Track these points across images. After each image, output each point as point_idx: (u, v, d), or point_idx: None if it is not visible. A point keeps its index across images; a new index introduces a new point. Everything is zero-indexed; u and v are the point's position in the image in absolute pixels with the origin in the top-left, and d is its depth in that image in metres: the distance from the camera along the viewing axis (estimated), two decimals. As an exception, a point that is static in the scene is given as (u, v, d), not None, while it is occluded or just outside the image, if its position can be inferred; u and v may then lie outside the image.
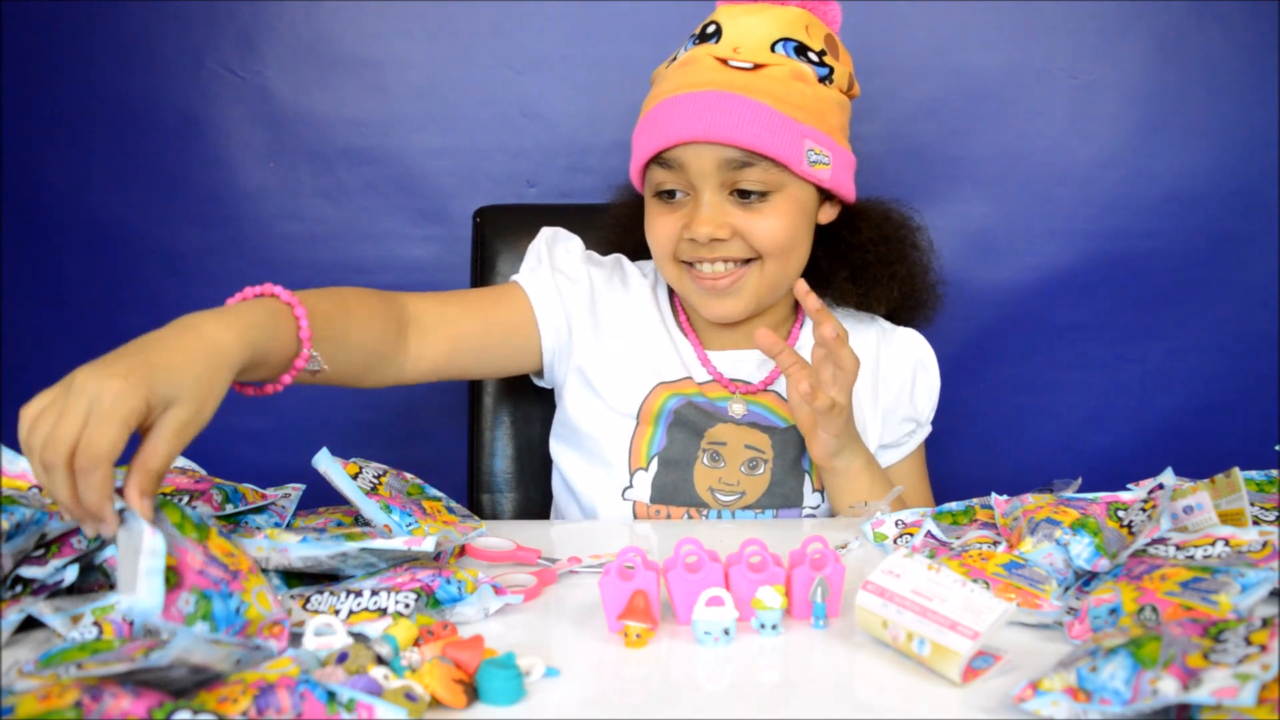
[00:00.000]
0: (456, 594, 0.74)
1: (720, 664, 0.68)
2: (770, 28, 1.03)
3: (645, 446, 1.09)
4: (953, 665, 0.64)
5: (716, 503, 1.08)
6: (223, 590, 0.68)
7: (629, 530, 1.05)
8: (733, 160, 1.00)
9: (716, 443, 1.08)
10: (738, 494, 1.08)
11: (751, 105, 0.99)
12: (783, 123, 1.00)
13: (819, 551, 0.74)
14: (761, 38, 1.02)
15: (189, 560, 0.67)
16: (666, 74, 1.06)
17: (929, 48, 1.46)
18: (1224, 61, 1.45)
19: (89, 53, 1.45)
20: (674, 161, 1.02)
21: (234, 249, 1.48)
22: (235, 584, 0.68)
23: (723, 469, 1.08)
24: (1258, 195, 1.48)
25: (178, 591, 0.66)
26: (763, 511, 1.09)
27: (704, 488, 1.08)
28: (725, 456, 1.08)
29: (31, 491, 0.77)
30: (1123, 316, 1.51)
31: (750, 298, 1.06)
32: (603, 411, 1.11)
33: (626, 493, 1.09)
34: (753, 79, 1.00)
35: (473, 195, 1.44)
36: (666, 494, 1.08)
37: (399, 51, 1.46)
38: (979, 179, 1.49)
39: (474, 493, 1.30)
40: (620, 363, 1.11)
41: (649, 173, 1.06)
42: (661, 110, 1.02)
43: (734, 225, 1.02)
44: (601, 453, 1.10)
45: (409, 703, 0.58)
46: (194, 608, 0.66)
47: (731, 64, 1.01)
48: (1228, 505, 0.82)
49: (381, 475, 0.88)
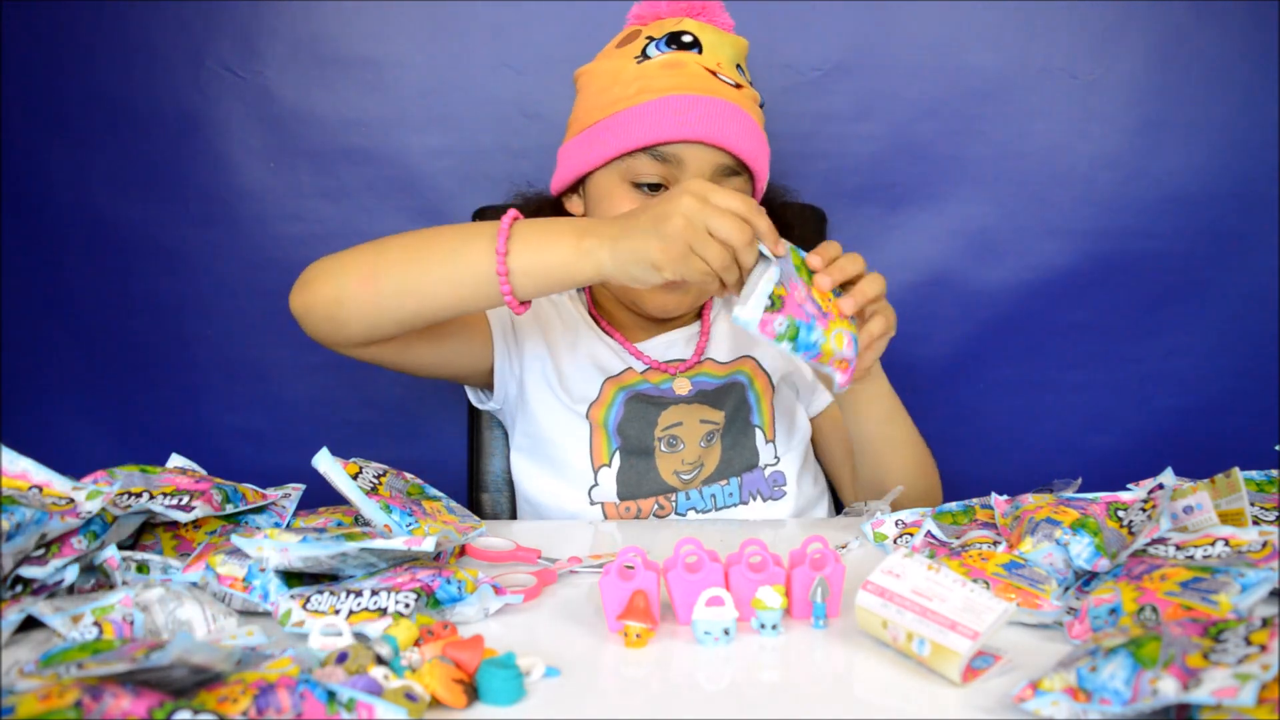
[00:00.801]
0: (456, 594, 0.74)
1: (720, 664, 0.68)
2: (733, 50, 1.09)
3: (604, 443, 1.11)
4: (953, 665, 0.64)
5: (681, 484, 1.10)
6: (810, 324, 0.83)
7: (630, 529, 1.05)
8: (726, 166, 1.05)
9: (672, 425, 1.11)
10: (696, 469, 1.11)
11: (747, 119, 1.06)
12: (763, 141, 1.08)
13: (819, 551, 0.74)
14: (730, 58, 1.08)
15: (795, 295, 0.83)
16: (642, 70, 1.06)
17: (929, 48, 1.46)
18: (1224, 61, 1.45)
19: (89, 53, 1.45)
20: (670, 156, 1.04)
21: (234, 249, 1.48)
22: (822, 322, 0.84)
23: (682, 451, 1.10)
24: (1258, 195, 1.48)
25: (776, 314, 0.81)
26: (727, 482, 1.11)
27: (668, 472, 1.10)
28: (682, 438, 1.11)
29: (31, 491, 0.77)
30: (1123, 316, 1.51)
31: (696, 295, 1.11)
32: (560, 411, 1.12)
33: (594, 492, 1.10)
34: (739, 96, 1.06)
35: (473, 195, 1.44)
36: (632, 487, 1.10)
37: (399, 51, 1.46)
38: (979, 179, 1.49)
39: (474, 493, 1.30)
40: (567, 364, 1.14)
41: (629, 161, 1.06)
42: (666, 105, 1.04)
43: None
44: (564, 456, 1.12)
45: (409, 703, 0.58)
46: (785, 329, 0.82)
47: (720, 77, 1.06)
48: (1228, 505, 0.82)
49: (381, 475, 0.88)
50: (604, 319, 1.17)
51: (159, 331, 1.50)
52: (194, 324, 1.50)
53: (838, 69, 1.46)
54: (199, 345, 1.50)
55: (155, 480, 0.85)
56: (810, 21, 1.43)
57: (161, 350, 1.51)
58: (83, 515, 0.74)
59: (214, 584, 0.75)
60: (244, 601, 0.75)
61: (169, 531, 0.84)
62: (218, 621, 0.70)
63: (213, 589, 0.75)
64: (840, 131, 1.47)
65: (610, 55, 1.11)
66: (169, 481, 0.85)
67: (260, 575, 0.74)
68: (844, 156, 1.48)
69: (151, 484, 0.84)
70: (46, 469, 0.77)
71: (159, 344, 1.50)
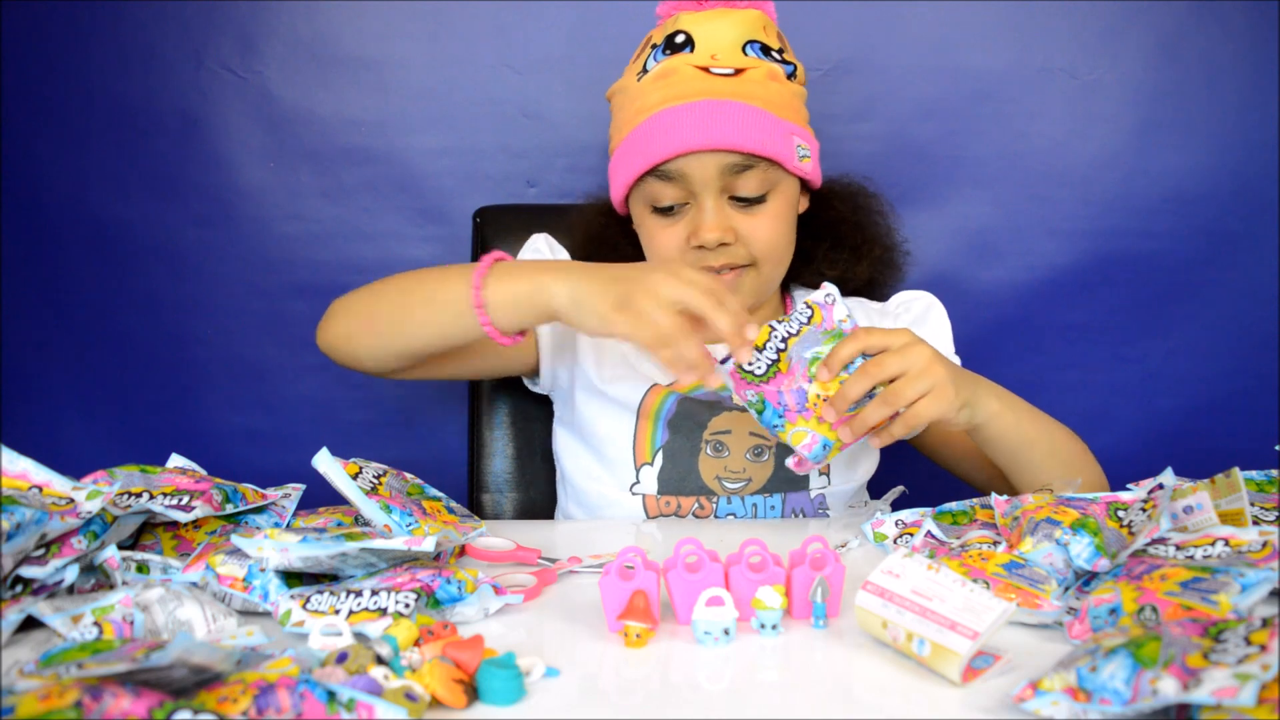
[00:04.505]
0: (456, 594, 0.74)
1: (720, 664, 0.68)
2: (737, 31, 1.05)
3: (648, 442, 1.10)
4: (953, 665, 0.64)
5: (724, 490, 1.09)
6: (779, 410, 0.88)
7: (635, 529, 1.05)
8: (734, 165, 1.02)
9: (720, 432, 1.09)
10: (744, 481, 1.09)
11: (745, 109, 1.02)
12: (774, 123, 1.03)
13: (819, 551, 0.74)
14: (732, 41, 1.04)
15: (791, 374, 0.89)
16: (640, 88, 1.06)
17: (929, 48, 1.46)
18: (1224, 61, 1.45)
19: (89, 53, 1.45)
20: (674, 173, 1.03)
21: (234, 249, 1.48)
22: (792, 415, 0.88)
23: (727, 458, 1.09)
24: (1258, 195, 1.48)
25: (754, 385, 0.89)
26: (771, 495, 1.09)
27: (710, 476, 1.10)
28: (729, 445, 1.09)
29: (31, 491, 0.77)
30: (1122, 316, 1.51)
31: (748, 295, 1.08)
32: (605, 408, 1.11)
33: (634, 488, 1.10)
34: (738, 84, 1.03)
35: (473, 195, 1.44)
36: (673, 486, 1.10)
37: (399, 51, 1.46)
38: (979, 179, 1.49)
39: (474, 493, 1.30)
40: (619, 362, 1.12)
41: (642, 188, 1.06)
42: (656, 123, 1.03)
43: (736, 229, 1.04)
44: (606, 450, 1.11)
45: (409, 703, 0.58)
46: (754, 401, 0.89)
47: (714, 71, 1.03)
48: (1228, 505, 0.82)
49: (381, 475, 0.88)
50: None
51: (159, 331, 1.50)
52: (194, 324, 1.50)
53: (838, 69, 1.46)
54: (199, 345, 1.50)
55: (155, 480, 0.85)
56: (810, 21, 1.43)
57: (161, 350, 1.50)
58: (83, 515, 0.74)
59: (214, 584, 0.75)
60: (244, 601, 0.75)
61: (169, 531, 0.84)
62: (218, 621, 0.70)
63: (213, 589, 0.75)
64: (840, 131, 1.46)
65: (627, 72, 1.11)
66: (169, 481, 0.85)
67: (260, 575, 0.74)
68: (844, 156, 1.47)
69: (151, 484, 0.84)
70: (46, 469, 0.77)
71: (159, 344, 1.50)
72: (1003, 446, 0.98)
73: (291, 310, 1.47)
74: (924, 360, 0.87)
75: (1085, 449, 1.04)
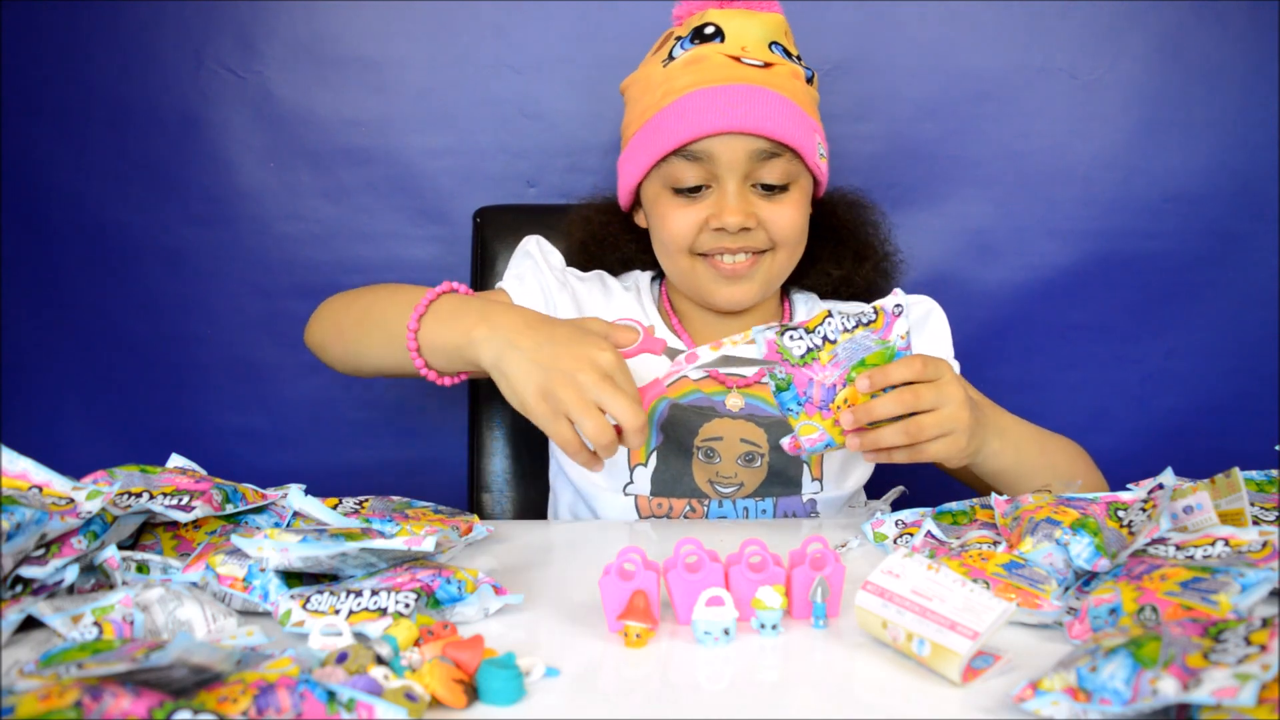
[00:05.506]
0: (456, 594, 0.74)
1: (720, 664, 0.68)
2: (764, 30, 1.08)
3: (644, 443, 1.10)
4: (953, 665, 0.64)
5: (716, 493, 1.10)
6: (801, 398, 0.88)
7: (628, 530, 1.05)
8: (761, 151, 1.04)
9: (711, 439, 1.10)
10: (736, 485, 1.10)
11: (776, 99, 1.04)
12: (801, 116, 1.06)
13: (819, 551, 0.74)
14: (760, 38, 1.07)
15: (827, 369, 0.87)
16: (667, 73, 1.07)
17: (929, 48, 1.46)
18: (1224, 61, 1.45)
19: (89, 53, 1.45)
20: (700, 153, 1.04)
21: (234, 249, 1.48)
22: (810, 408, 0.88)
23: (718, 464, 1.09)
24: (1258, 195, 1.48)
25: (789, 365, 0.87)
26: (763, 499, 1.09)
27: (702, 480, 1.10)
28: (720, 452, 1.10)
29: (31, 491, 0.77)
30: (1123, 316, 1.51)
31: (762, 283, 1.09)
32: None
33: (628, 488, 1.10)
34: (768, 75, 1.05)
35: (473, 195, 1.44)
36: (666, 487, 1.10)
37: (399, 51, 1.46)
38: (979, 179, 1.49)
39: (474, 493, 1.30)
40: None
41: (663, 168, 1.07)
42: (688, 103, 1.04)
43: (758, 215, 1.05)
44: None
45: (409, 703, 0.58)
46: (781, 378, 0.88)
47: (745, 61, 1.05)
48: (1228, 505, 0.82)
49: (363, 501, 0.89)
50: (676, 314, 1.17)
51: (159, 331, 1.50)
52: (194, 324, 1.50)
53: (838, 69, 1.46)
54: (199, 345, 1.50)
55: (155, 480, 0.85)
56: (810, 21, 1.43)
57: (161, 350, 1.51)
58: (83, 515, 0.74)
59: (214, 584, 0.75)
60: (244, 601, 0.75)
61: (169, 531, 0.84)
62: (218, 621, 0.70)
63: (213, 589, 0.75)
64: (840, 131, 1.46)
65: (646, 63, 1.12)
66: (169, 481, 0.85)
67: (260, 575, 0.74)
68: (844, 156, 1.47)
69: (151, 484, 0.84)
70: (46, 469, 0.77)
71: (159, 344, 1.50)
72: (1001, 481, 1.00)
73: (291, 310, 1.47)
74: (955, 404, 0.87)
75: (1088, 462, 1.06)
